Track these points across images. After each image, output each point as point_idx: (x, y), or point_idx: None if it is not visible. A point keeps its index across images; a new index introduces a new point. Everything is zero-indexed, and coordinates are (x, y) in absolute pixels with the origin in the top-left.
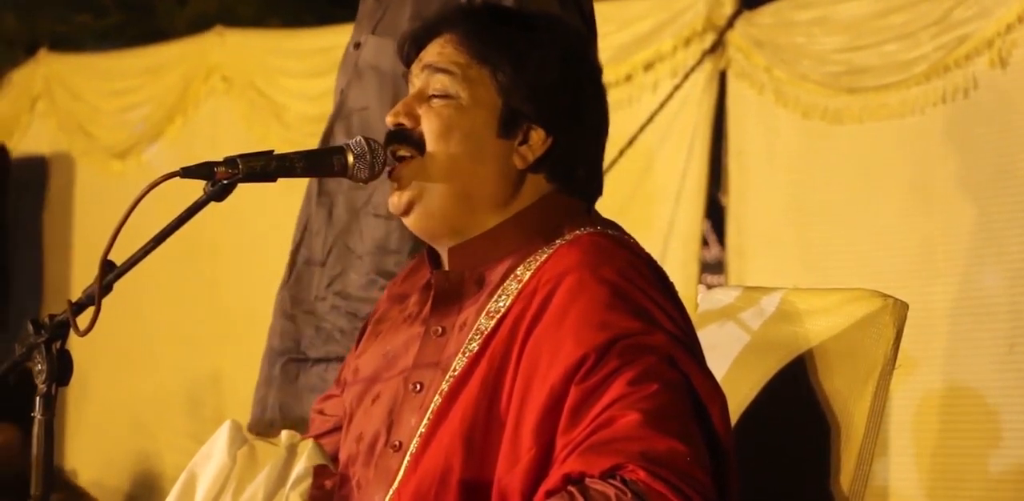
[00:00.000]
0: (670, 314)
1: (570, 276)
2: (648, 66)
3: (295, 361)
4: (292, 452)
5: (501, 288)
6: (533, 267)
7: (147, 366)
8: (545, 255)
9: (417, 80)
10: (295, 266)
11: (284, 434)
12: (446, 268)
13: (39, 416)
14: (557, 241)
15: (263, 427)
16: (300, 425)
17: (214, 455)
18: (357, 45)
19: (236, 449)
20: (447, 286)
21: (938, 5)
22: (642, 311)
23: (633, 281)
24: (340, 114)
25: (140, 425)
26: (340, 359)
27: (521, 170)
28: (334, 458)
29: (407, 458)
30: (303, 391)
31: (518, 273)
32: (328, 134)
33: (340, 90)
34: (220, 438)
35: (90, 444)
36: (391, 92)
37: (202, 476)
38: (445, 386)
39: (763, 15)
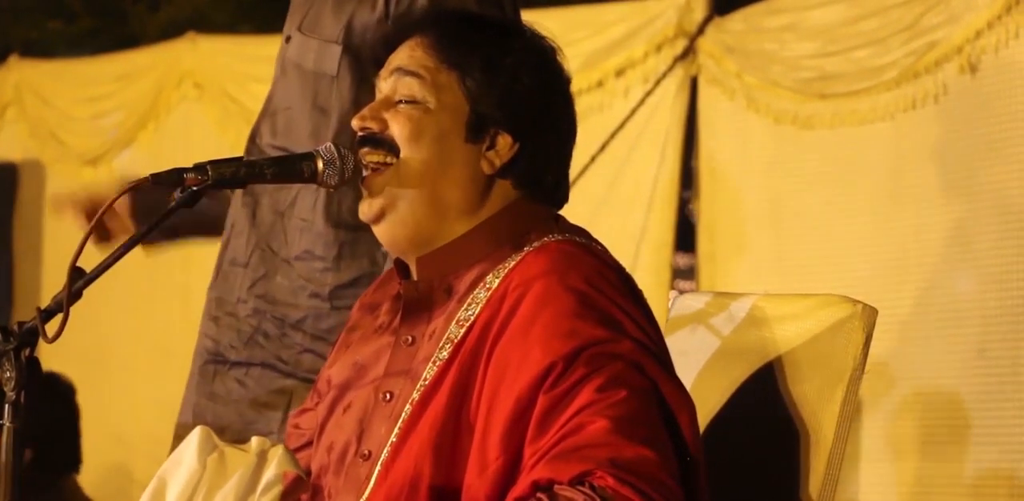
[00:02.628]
0: (638, 322)
1: (538, 284)
2: (620, 72)
3: (213, 363)
4: (262, 458)
5: (470, 296)
6: (502, 274)
7: (120, 374)
8: (513, 262)
9: (385, 84)
10: (221, 267)
11: (254, 440)
12: (415, 278)
13: (8, 424)
14: (525, 248)
15: (187, 431)
16: (221, 433)
17: (184, 461)
18: (288, 39)
19: (206, 455)
20: (416, 296)
21: (908, 11)
22: (609, 319)
23: (601, 289)
24: (267, 111)
25: (113, 433)
26: (262, 364)
27: (489, 176)
28: (308, 472)
29: (378, 467)
30: (218, 394)
31: (487, 281)
32: (255, 132)
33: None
34: (190, 444)
35: None
36: (312, 91)
37: (172, 482)
38: (416, 395)
39: (734, 21)
